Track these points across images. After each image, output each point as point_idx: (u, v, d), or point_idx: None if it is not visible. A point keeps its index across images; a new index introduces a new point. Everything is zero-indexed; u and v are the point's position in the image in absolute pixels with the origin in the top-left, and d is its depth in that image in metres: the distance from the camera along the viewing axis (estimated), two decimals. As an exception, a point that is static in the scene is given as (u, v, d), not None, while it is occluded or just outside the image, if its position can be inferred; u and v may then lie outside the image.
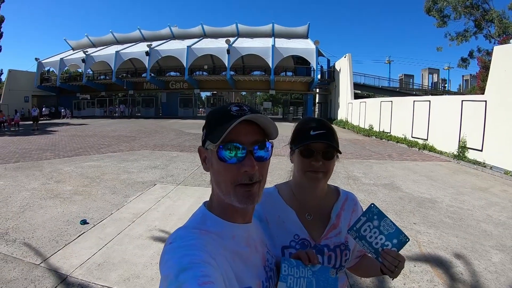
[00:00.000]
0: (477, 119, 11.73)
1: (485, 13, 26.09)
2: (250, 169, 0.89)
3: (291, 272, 1.01)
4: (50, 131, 23.73)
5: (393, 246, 1.19)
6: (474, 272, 4.03)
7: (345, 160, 11.68)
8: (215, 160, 0.93)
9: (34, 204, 6.54)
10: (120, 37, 46.89)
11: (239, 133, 0.89)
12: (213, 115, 0.96)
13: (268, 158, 0.96)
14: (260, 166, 0.93)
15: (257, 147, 0.92)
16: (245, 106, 0.95)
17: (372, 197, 7.27)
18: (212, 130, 0.93)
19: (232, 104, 0.95)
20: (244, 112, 0.92)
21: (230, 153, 0.89)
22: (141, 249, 4.57)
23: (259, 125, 0.94)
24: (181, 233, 0.91)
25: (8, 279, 3.71)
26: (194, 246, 0.83)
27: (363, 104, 24.55)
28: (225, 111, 0.93)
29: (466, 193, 7.72)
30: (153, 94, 46.23)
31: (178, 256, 0.79)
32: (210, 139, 0.92)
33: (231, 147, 0.89)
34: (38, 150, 14.05)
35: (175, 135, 19.87)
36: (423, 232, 5.30)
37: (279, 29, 41.49)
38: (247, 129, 0.91)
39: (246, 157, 0.90)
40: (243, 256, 0.95)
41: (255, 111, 0.94)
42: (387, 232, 1.20)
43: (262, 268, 1.01)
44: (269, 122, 0.92)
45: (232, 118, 0.89)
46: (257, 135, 0.93)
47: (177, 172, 9.59)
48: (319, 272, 1.04)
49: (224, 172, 0.91)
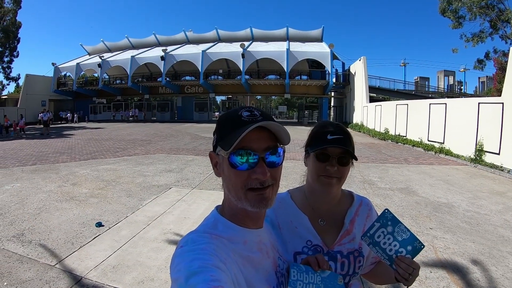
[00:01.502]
0: (494, 121, 11.52)
1: (500, 13, 25.59)
2: (261, 176, 0.89)
3: (300, 277, 1.00)
4: (67, 135, 24.07)
5: (408, 253, 1.16)
6: (491, 278, 3.93)
7: (361, 164, 11.56)
8: (226, 166, 0.92)
9: (50, 206, 6.61)
10: (136, 42, 47.50)
11: (250, 140, 0.88)
12: (223, 120, 0.95)
13: (280, 164, 0.95)
14: (272, 172, 0.92)
15: (268, 153, 0.91)
16: (256, 111, 0.94)
17: (388, 201, 7.18)
18: (223, 136, 0.92)
19: (243, 109, 0.94)
20: (255, 118, 0.91)
21: (242, 160, 0.89)
22: (155, 252, 4.57)
23: (270, 131, 0.92)
24: (192, 237, 0.90)
25: (23, 280, 3.74)
26: (205, 250, 0.82)
27: (379, 107, 24.33)
28: (236, 116, 0.92)
29: (483, 198, 7.57)
30: (169, 98, 46.59)
31: (188, 260, 0.79)
32: (221, 145, 0.91)
33: (243, 153, 0.88)
34: (55, 153, 14.27)
35: (190, 139, 19.95)
36: (440, 237, 5.20)
37: (294, 33, 41.56)
38: (259, 135, 0.90)
39: (258, 164, 0.89)
40: (254, 261, 0.95)
41: (266, 116, 0.93)
42: (401, 238, 1.17)
43: (273, 274, 1.00)
44: (281, 128, 0.91)
45: (243, 124, 0.88)
46: (268, 141, 0.92)
47: (192, 175, 9.61)
48: (327, 279, 1.02)
49: (235, 178, 0.91)
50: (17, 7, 39.11)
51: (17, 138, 22.57)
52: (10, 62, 40.96)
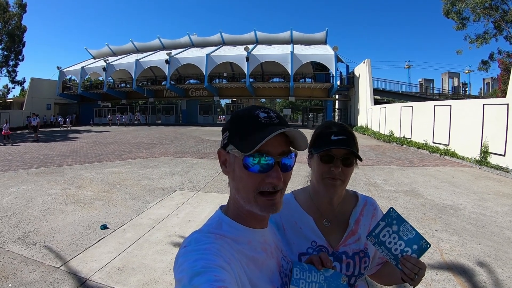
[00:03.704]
0: (499, 123, 11.45)
1: (504, 14, 25.43)
2: (276, 180, 0.88)
3: (303, 276, 0.98)
4: (72, 138, 24.19)
5: (413, 252, 1.14)
6: (497, 280, 3.89)
7: (366, 167, 11.53)
8: (238, 166, 0.90)
9: (55, 209, 6.63)
10: (140, 46, 47.78)
11: (268, 144, 0.86)
12: (238, 119, 0.93)
13: (292, 168, 0.95)
14: (284, 176, 0.91)
15: (285, 158, 0.91)
16: (272, 112, 0.94)
17: (393, 203, 7.13)
18: (239, 136, 0.90)
19: (259, 109, 0.94)
20: (272, 120, 0.91)
21: (259, 162, 0.87)
22: (160, 255, 4.56)
23: (287, 135, 0.91)
24: (196, 236, 0.90)
25: (28, 281, 3.75)
26: (209, 250, 0.82)
27: (383, 109, 24.28)
28: (253, 116, 0.91)
29: (489, 199, 7.51)
30: (173, 102, 46.81)
31: (192, 260, 0.78)
32: (237, 145, 0.89)
33: (260, 156, 0.87)
34: (60, 156, 14.33)
35: (195, 142, 19.97)
36: (445, 239, 5.16)
37: (298, 36, 41.61)
38: (277, 140, 0.89)
39: (274, 168, 0.88)
40: (259, 262, 0.94)
41: (281, 118, 0.93)
42: (406, 238, 1.15)
43: (277, 274, 0.99)
44: (300, 134, 0.90)
45: (262, 126, 0.88)
46: (284, 145, 0.91)
47: (197, 178, 9.61)
48: (331, 278, 1.01)
49: (248, 179, 0.89)
50: (22, 11, 39.52)
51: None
52: (15, 66, 41.33)
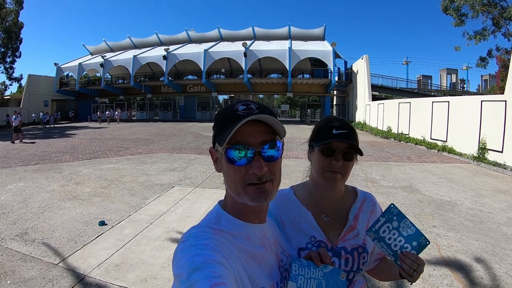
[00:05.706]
0: (497, 119, 11.48)
1: (503, 11, 25.42)
2: (258, 170, 0.87)
3: (302, 272, 0.99)
4: (69, 135, 24.12)
5: (413, 248, 1.15)
6: (494, 276, 3.92)
7: (364, 163, 11.56)
8: (224, 161, 0.91)
9: (53, 205, 6.63)
10: (138, 42, 47.57)
11: (246, 134, 0.87)
12: (221, 116, 0.94)
13: (278, 157, 0.93)
14: (270, 166, 0.90)
15: (266, 147, 0.89)
16: (253, 104, 0.93)
17: (391, 199, 7.15)
18: (219, 131, 0.91)
19: (240, 103, 0.93)
20: (251, 111, 0.89)
21: (239, 154, 0.88)
22: (158, 251, 4.57)
23: (268, 124, 0.90)
24: (194, 231, 0.90)
25: (26, 278, 3.75)
26: (207, 246, 0.82)
27: (381, 105, 24.30)
28: (232, 110, 0.91)
29: (486, 196, 7.54)
30: (171, 98, 46.60)
31: (190, 255, 0.78)
32: (218, 140, 0.91)
33: (240, 148, 0.87)
34: (58, 153, 14.30)
35: (192, 138, 19.95)
36: (443, 235, 5.18)
37: (296, 31, 41.51)
38: (255, 129, 0.89)
39: (254, 158, 0.88)
40: (258, 257, 0.94)
41: (264, 109, 0.92)
42: (406, 234, 1.15)
43: (276, 269, 0.99)
44: (275, 120, 0.89)
45: (239, 118, 0.87)
46: (265, 134, 0.90)
47: (195, 174, 9.63)
48: (330, 274, 1.01)
49: (233, 173, 0.90)
50: (19, 7, 39.18)
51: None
52: (12, 63, 40.98)
